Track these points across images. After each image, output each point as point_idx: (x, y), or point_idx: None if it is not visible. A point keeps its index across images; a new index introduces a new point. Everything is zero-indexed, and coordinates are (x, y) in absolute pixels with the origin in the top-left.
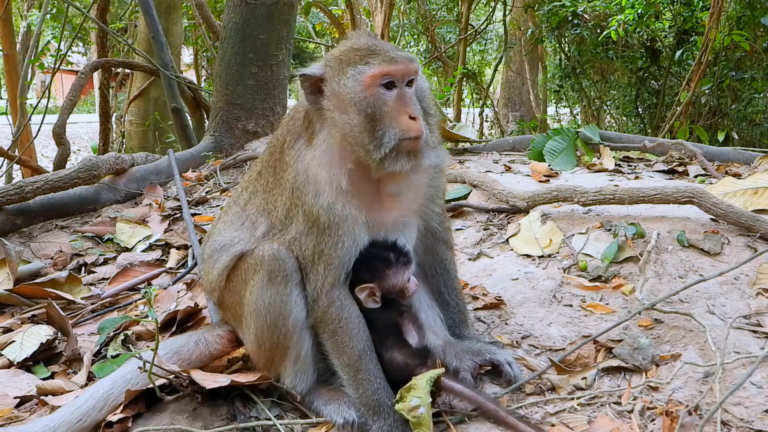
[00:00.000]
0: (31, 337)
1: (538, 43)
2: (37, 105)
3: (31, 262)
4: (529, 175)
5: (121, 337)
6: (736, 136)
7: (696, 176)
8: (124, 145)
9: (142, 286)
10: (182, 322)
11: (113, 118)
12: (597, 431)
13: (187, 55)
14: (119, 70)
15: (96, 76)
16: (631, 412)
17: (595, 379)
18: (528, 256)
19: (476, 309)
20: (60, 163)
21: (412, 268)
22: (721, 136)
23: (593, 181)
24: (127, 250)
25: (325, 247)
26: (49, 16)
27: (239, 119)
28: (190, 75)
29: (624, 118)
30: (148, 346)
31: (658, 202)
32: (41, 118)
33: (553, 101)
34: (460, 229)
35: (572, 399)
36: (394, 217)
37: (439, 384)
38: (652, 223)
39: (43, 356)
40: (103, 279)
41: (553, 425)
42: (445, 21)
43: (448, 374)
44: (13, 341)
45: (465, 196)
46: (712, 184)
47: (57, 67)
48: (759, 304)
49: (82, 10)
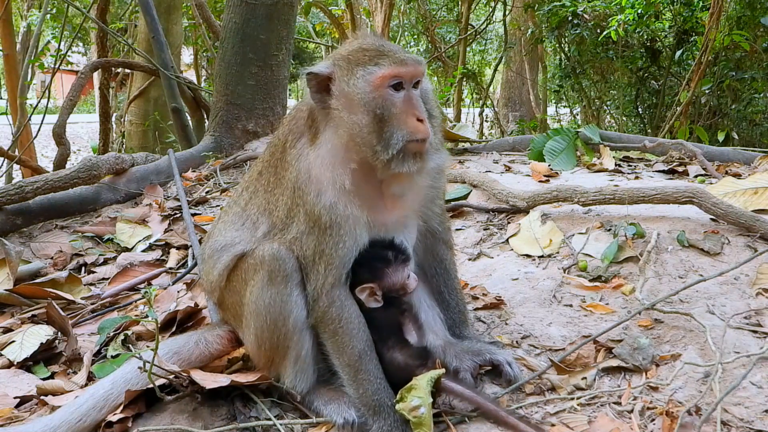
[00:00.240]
0: (31, 337)
1: (538, 43)
2: (37, 105)
3: (31, 262)
4: (529, 175)
5: (121, 337)
6: (736, 136)
7: (696, 176)
8: (124, 145)
9: (142, 286)
10: (182, 322)
11: (113, 118)
12: (597, 431)
13: (187, 55)
14: (119, 70)
15: (96, 76)
16: (631, 412)
17: (595, 379)
18: (528, 256)
19: (476, 309)
20: (60, 163)
21: (411, 265)
22: (721, 136)
23: (593, 181)
24: (127, 250)
25: (326, 247)
26: (49, 16)
27: (239, 119)
28: (190, 75)
29: (624, 118)
30: (148, 346)
31: (658, 202)
32: (41, 118)
33: (553, 101)
34: (460, 229)
35: (572, 399)
36: (395, 217)
37: (440, 385)
38: (652, 223)
39: (43, 356)
40: (103, 279)
41: (553, 425)
42: (445, 21)
43: (448, 375)
44: (13, 341)
45: (465, 196)
46: (712, 184)
47: (57, 67)
48: (759, 304)
49: (82, 10)
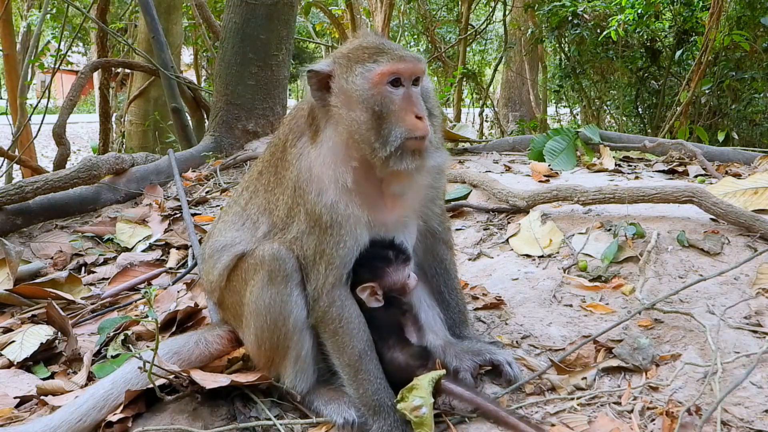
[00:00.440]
0: (31, 337)
1: (538, 43)
2: (37, 105)
3: (31, 262)
4: (529, 175)
5: (121, 337)
6: (736, 136)
7: (696, 176)
8: (124, 145)
9: (142, 286)
10: (182, 322)
11: (113, 118)
12: (597, 431)
13: (187, 55)
14: (119, 70)
15: (96, 76)
16: (631, 412)
17: (595, 379)
18: (528, 256)
19: (476, 309)
20: (60, 163)
21: (411, 265)
22: (721, 136)
23: (593, 181)
24: (127, 250)
25: (327, 246)
26: (49, 16)
27: (239, 119)
28: (190, 75)
29: (624, 118)
30: (148, 346)
31: (658, 202)
32: (41, 118)
33: (553, 101)
34: (460, 229)
35: (572, 399)
36: (395, 216)
37: (440, 386)
38: (652, 223)
39: (43, 356)
40: (103, 279)
41: (553, 425)
42: (445, 21)
43: (448, 375)
44: (13, 341)
45: (465, 196)
46: (712, 184)
47: (57, 67)
48: (759, 304)
49: (82, 10)
